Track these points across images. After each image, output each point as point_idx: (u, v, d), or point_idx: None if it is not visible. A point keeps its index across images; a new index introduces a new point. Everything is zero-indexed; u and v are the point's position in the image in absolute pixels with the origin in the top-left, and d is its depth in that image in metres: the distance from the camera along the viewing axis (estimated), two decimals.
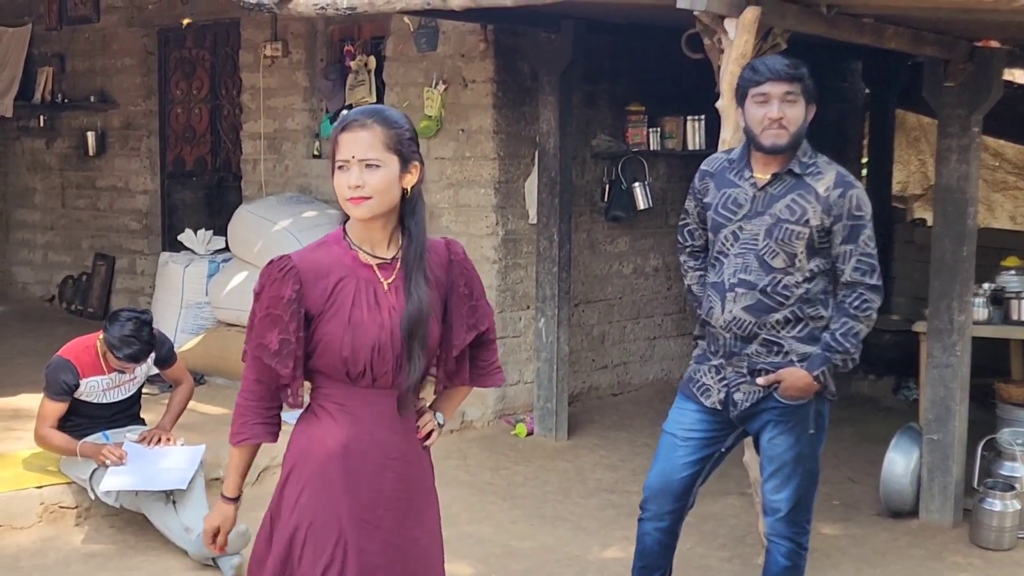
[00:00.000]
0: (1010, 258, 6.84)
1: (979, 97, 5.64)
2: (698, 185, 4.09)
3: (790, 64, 3.81)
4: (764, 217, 3.86)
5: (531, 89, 7.48)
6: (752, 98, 3.83)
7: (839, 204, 3.83)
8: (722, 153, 4.13)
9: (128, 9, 10.03)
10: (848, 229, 3.85)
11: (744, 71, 3.90)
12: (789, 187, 3.86)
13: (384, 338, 2.82)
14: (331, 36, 8.62)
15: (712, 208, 3.99)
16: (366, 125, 2.79)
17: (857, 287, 3.88)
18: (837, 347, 3.91)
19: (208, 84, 9.77)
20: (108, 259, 10.44)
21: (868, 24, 5.13)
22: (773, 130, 3.78)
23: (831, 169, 3.90)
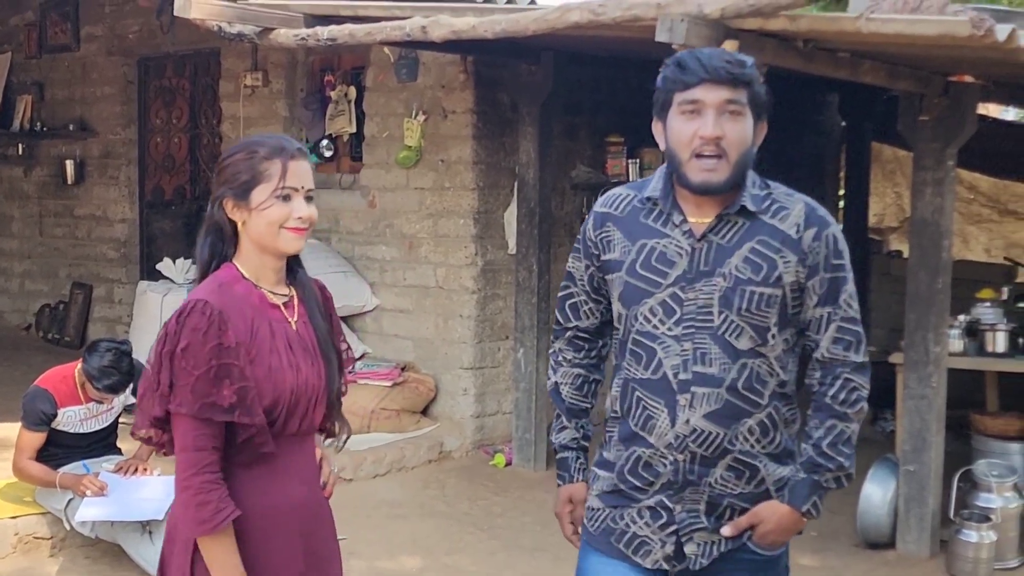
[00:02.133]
0: (985, 290, 6.90)
1: (954, 131, 5.70)
2: (593, 235, 2.84)
3: (733, 61, 2.62)
4: (714, 279, 2.66)
5: (511, 120, 7.51)
6: (678, 107, 2.64)
7: (815, 249, 2.67)
8: (627, 187, 2.89)
9: (108, 38, 10.04)
10: (826, 285, 2.69)
11: (667, 68, 2.68)
12: (743, 232, 2.68)
13: (300, 383, 2.64)
14: (311, 66, 8.64)
15: (622, 269, 2.76)
16: (304, 156, 2.68)
17: (840, 368, 2.72)
18: (827, 465, 2.73)
19: (188, 113, 9.77)
20: (85, 288, 10.40)
21: (844, 59, 5.18)
22: (706, 157, 2.61)
23: (796, 201, 2.73)
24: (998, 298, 7.18)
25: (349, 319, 8.07)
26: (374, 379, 7.47)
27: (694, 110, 2.60)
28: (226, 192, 2.62)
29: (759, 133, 2.71)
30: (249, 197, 2.60)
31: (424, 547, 5.87)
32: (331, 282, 8.19)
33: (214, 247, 2.68)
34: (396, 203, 7.93)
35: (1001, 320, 6.55)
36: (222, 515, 2.51)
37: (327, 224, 8.35)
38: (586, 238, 2.86)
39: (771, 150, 9.11)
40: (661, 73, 2.69)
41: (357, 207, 8.18)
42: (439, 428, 7.59)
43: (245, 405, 2.54)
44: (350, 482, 6.70)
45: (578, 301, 2.95)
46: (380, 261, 8.06)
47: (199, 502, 2.51)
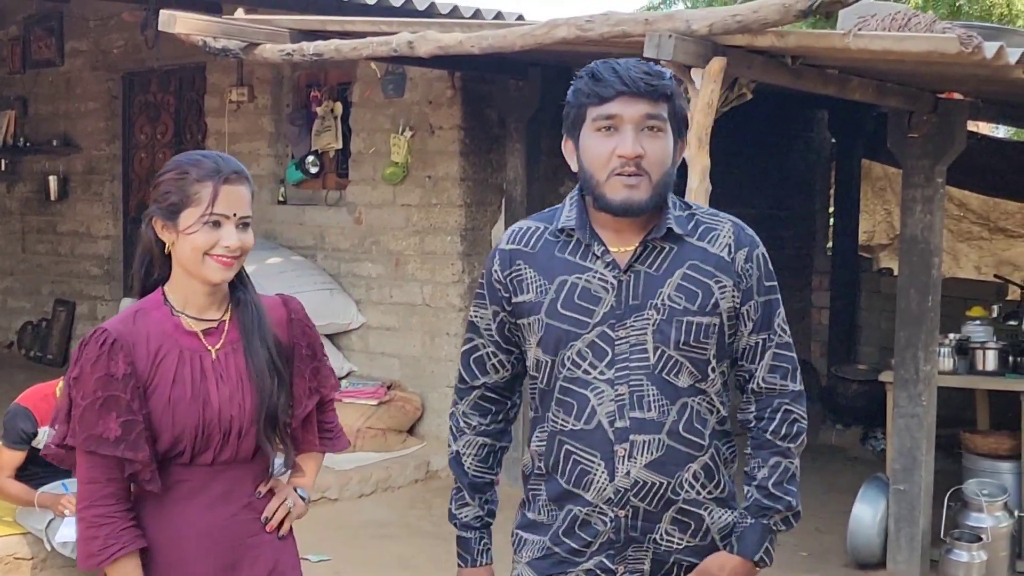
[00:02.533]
0: (975, 308, 6.88)
1: (943, 148, 5.68)
2: (501, 276, 2.55)
3: (652, 72, 2.40)
4: (646, 313, 2.43)
5: (498, 136, 7.48)
6: (592, 123, 2.41)
7: (748, 272, 2.49)
8: (533, 219, 2.61)
9: (93, 53, 9.98)
10: (760, 309, 2.50)
11: (579, 79, 2.45)
12: (673, 258, 2.46)
13: (210, 416, 2.48)
14: (297, 81, 8.60)
15: (541, 311, 2.48)
16: (242, 180, 2.53)
17: (778, 399, 2.53)
18: (775, 506, 2.53)
19: (173, 128, 9.71)
20: (68, 305, 10.32)
21: (832, 76, 5.15)
22: (625, 177, 2.37)
23: (723, 221, 2.53)
24: (988, 316, 7.15)
25: (335, 337, 8.01)
26: (360, 398, 7.40)
27: (611, 126, 2.37)
28: (155, 211, 2.52)
29: (679, 152, 2.47)
30: (177, 219, 2.48)
31: (411, 567, 5.80)
32: (316, 300, 8.19)
33: (149, 268, 2.59)
34: (382, 220, 7.88)
35: (991, 338, 6.51)
36: (110, 551, 2.43)
37: (313, 241, 8.31)
38: (492, 281, 2.56)
39: (761, 166, 9.08)
40: (572, 85, 2.45)
41: (343, 224, 8.13)
42: (426, 447, 7.53)
43: (130, 440, 2.42)
44: (335, 502, 6.64)
45: (484, 354, 2.63)
46: (366, 278, 8.00)
47: (87, 536, 2.46)
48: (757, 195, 9.36)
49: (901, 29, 4.27)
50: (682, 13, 4.50)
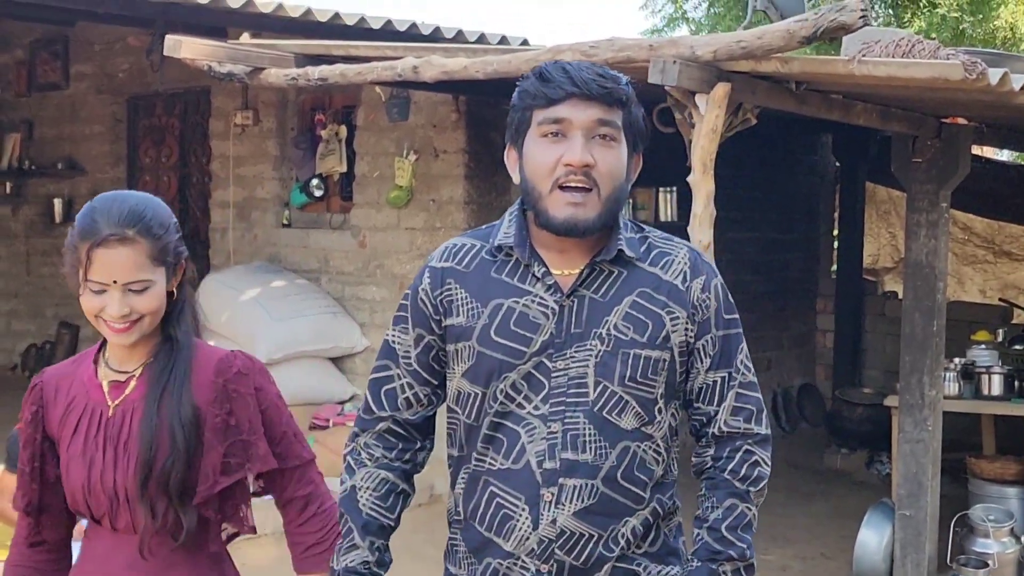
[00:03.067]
0: (980, 332, 6.86)
1: (947, 173, 5.67)
2: (430, 296, 2.28)
3: (607, 76, 2.17)
4: (589, 343, 2.17)
5: (502, 160, 7.47)
6: (538, 127, 2.16)
7: (704, 303, 2.23)
8: (467, 236, 2.35)
9: (98, 76, 10.01)
10: (719, 344, 2.25)
11: (526, 80, 2.22)
12: (621, 284, 2.20)
13: (93, 477, 2.26)
14: (302, 105, 8.61)
15: (472, 337, 2.22)
16: (126, 239, 2.21)
17: (739, 441, 2.27)
18: (727, 552, 2.24)
19: (177, 152, 9.73)
20: (72, 327, 10.32)
21: (837, 101, 5.15)
22: (572, 189, 2.12)
23: (677, 247, 2.28)
24: (993, 340, 7.14)
25: (338, 360, 8.01)
26: None
27: (558, 131, 2.13)
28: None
29: (634, 168, 2.23)
30: (76, 275, 2.26)
31: None
32: (320, 323, 8.18)
33: None
34: (387, 243, 7.88)
35: (996, 362, 6.51)
36: None
37: (317, 264, 8.31)
38: (417, 300, 2.28)
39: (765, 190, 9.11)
40: (517, 87, 2.21)
41: (347, 247, 8.13)
42: (429, 471, 7.45)
43: (20, 485, 2.33)
44: None
45: (399, 386, 2.31)
46: (370, 302, 8.00)
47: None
48: (761, 219, 9.36)
49: (905, 55, 4.26)
50: (686, 39, 4.51)
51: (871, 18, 4.01)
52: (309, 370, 7.77)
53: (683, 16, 14.09)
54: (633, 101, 2.19)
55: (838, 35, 4.10)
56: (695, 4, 14.05)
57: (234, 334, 7.70)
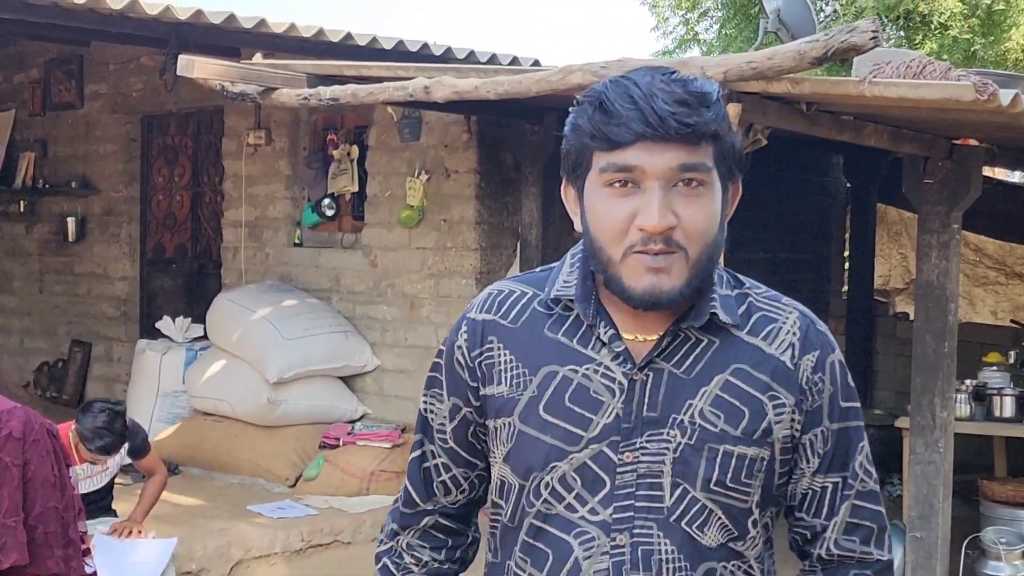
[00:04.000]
0: (992, 354, 6.85)
1: (958, 194, 5.67)
2: (467, 356, 1.83)
3: (691, 100, 1.62)
4: (666, 432, 1.70)
5: (514, 180, 7.50)
6: (600, 175, 1.67)
7: (816, 386, 1.74)
8: (516, 281, 1.88)
9: (112, 96, 10.06)
10: (833, 441, 1.76)
11: (581, 110, 1.70)
12: (712, 357, 1.73)
13: None
14: (314, 125, 8.64)
15: (515, 411, 1.77)
16: None
17: (854, 570, 1.79)
18: None
19: (190, 171, 9.77)
20: (85, 346, 10.34)
21: (848, 122, 5.16)
22: (651, 256, 1.64)
23: (787, 309, 1.80)
24: (1005, 362, 7.13)
25: (349, 380, 8.01)
26: (374, 440, 7.39)
27: (627, 181, 1.62)
28: None
29: (731, 203, 1.74)
30: None
31: None
32: (331, 342, 8.21)
33: None
34: (398, 263, 7.89)
35: (1008, 384, 6.49)
36: None
37: (328, 283, 8.32)
38: (453, 362, 1.83)
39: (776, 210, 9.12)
40: (570, 118, 1.71)
41: (358, 266, 8.14)
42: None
43: None
44: (348, 545, 6.60)
45: (435, 466, 1.90)
46: (381, 321, 8.01)
47: None
48: (772, 239, 9.36)
49: (916, 76, 4.27)
50: (697, 59, 4.52)
51: (882, 39, 4.02)
52: (320, 389, 7.77)
53: (694, 37, 14.14)
54: (726, 127, 1.66)
55: (849, 56, 4.10)
56: (706, 25, 14.09)
57: (245, 353, 7.71)
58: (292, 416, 7.62)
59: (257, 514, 6.66)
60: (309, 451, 7.51)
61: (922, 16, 10.83)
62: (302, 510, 6.78)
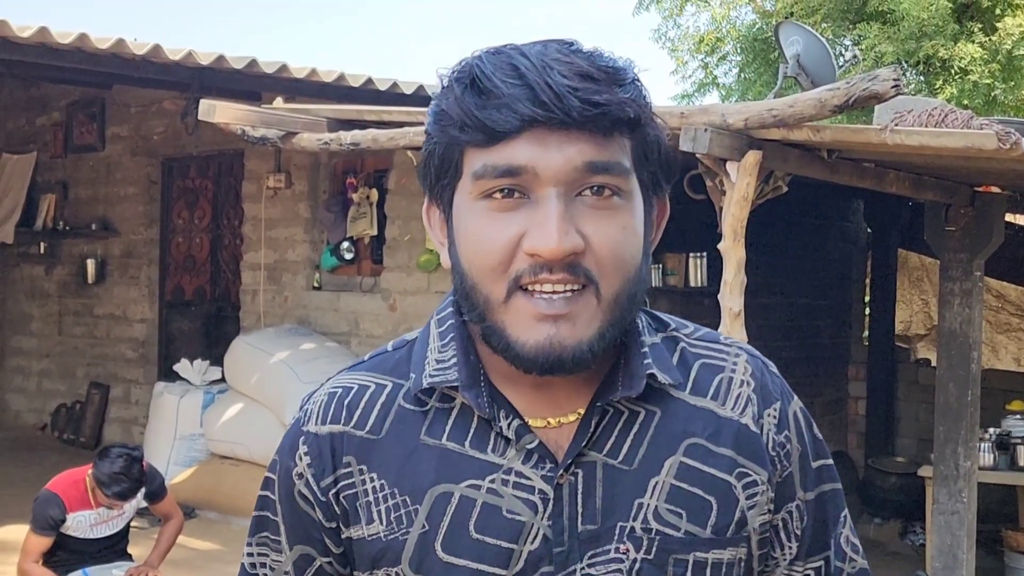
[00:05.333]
0: (1015, 402, 6.78)
1: (980, 242, 5.63)
2: (317, 488, 1.26)
3: (595, 73, 1.13)
4: (614, 548, 1.21)
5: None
6: (475, 183, 1.16)
7: (782, 448, 1.30)
8: (361, 371, 1.32)
9: (133, 139, 10.12)
10: (811, 513, 1.32)
11: (446, 92, 1.18)
12: (655, 434, 1.25)
13: None
14: (334, 168, 8.66)
15: (402, 559, 1.22)
16: None
17: None
18: None
19: (210, 214, 9.80)
20: (102, 388, 10.35)
21: (869, 169, 5.14)
22: (545, 298, 1.15)
23: (727, 351, 1.33)
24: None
25: None
26: None
27: (512, 189, 1.15)
28: None
29: (657, 224, 1.28)
30: None
31: None
32: None
33: None
34: (417, 307, 7.88)
35: None
36: None
37: (347, 327, 8.31)
38: (294, 496, 1.29)
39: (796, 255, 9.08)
40: (433, 103, 1.22)
41: (377, 310, 8.13)
42: None
43: None
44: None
45: None
46: None
47: None
48: (792, 284, 9.31)
49: (938, 125, 4.25)
50: (718, 107, 4.51)
51: (903, 87, 4.00)
52: None
53: (713, 81, 14.14)
54: (648, 116, 1.19)
55: (870, 104, 4.10)
56: (725, 69, 14.10)
57: (263, 396, 7.70)
58: None
59: None
60: None
61: (942, 61, 10.82)
62: None
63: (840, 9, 11.66)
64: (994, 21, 10.79)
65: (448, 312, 1.29)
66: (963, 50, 10.50)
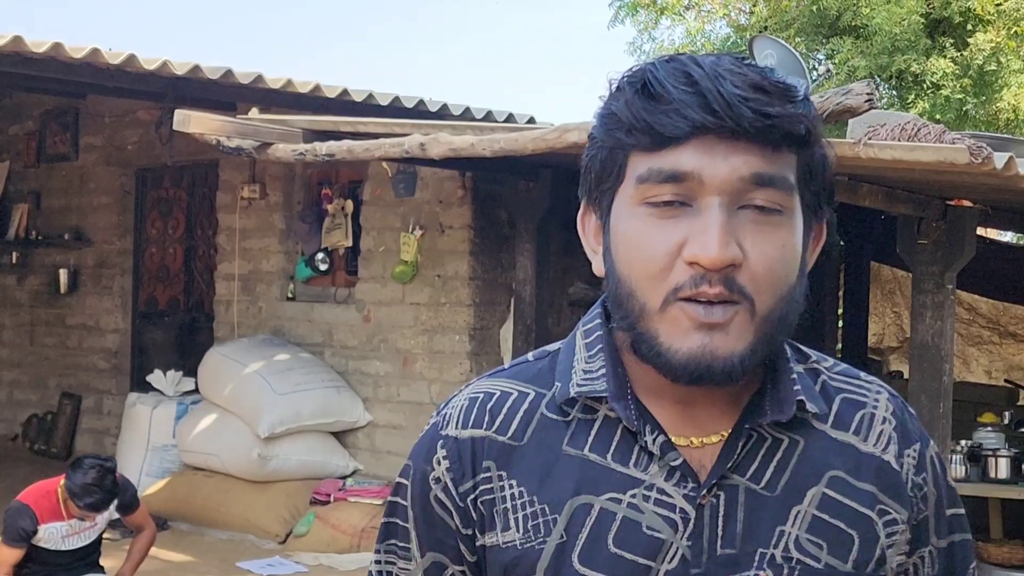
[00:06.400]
0: (987, 414, 6.82)
1: (953, 255, 5.66)
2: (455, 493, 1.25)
3: (768, 86, 1.14)
4: (750, 575, 1.19)
5: (508, 236, 7.50)
6: (638, 188, 1.16)
7: (920, 489, 1.27)
8: (506, 378, 1.31)
9: (107, 149, 10.08)
10: (943, 562, 1.31)
11: (617, 95, 1.19)
12: (798, 463, 1.23)
13: None
14: (309, 179, 8.66)
15: (539, 568, 1.20)
16: None
17: None
18: None
19: (184, 224, 9.77)
20: (74, 398, 10.28)
21: (842, 182, 5.17)
22: (702, 307, 1.14)
23: (869, 387, 1.31)
24: (1000, 422, 7.09)
25: (341, 435, 7.97)
26: (364, 496, 7.33)
27: (675, 199, 1.15)
28: None
29: (814, 247, 1.28)
30: None
31: None
32: (323, 397, 8.19)
33: None
34: (391, 318, 7.87)
35: (1003, 445, 6.46)
36: None
37: (321, 338, 8.29)
38: (430, 501, 1.27)
39: None
40: (602, 106, 1.22)
41: (352, 321, 8.12)
42: None
43: None
44: None
45: None
46: (374, 376, 7.97)
47: None
48: None
49: (911, 139, 4.29)
50: None
51: (876, 102, 4.04)
52: (311, 444, 7.73)
53: None
54: (816, 132, 1.19)
55: (844, 118, 4.12)
56: None
57: (237, 407, 7.67)
58: (283, 471, 7.57)
59: (247, 571, 6.59)
60: (300, 507, 7.45)
61: (914, 76, 10.90)
62: (292, 567, 6.72)
63: (813, 23, 11.73)
64: (965, 36, 10.89)
65: (596, 323, 1.28)
66: (935, 65, 10.59)
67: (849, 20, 11.05)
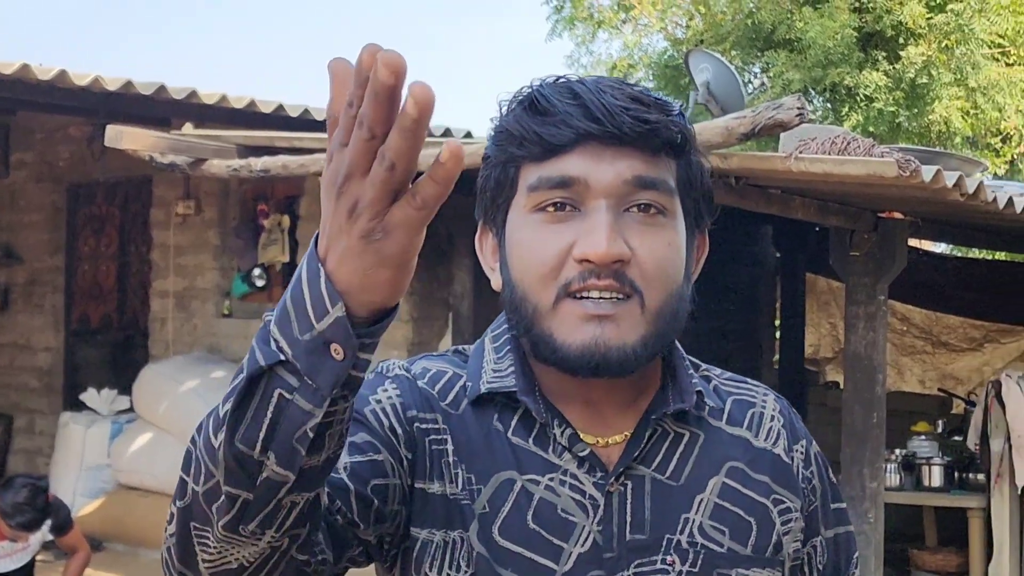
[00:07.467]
0: (920, 423, 6.90)
1: (884, 266, 5.74)
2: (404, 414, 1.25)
3: (646, 100, 1.23)
4: (661, 560, 1.25)
5: (446, 251, 7.48)
6: (529, 196, 1.24)
7: (809, 482, 1.37)
8: (442, 360, 1.35)
9: (38, 165, 9.94)
10: (831, 552, 1.39)
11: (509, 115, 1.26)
12: (700, 455, 1.31)
13: None
14: (244, 194, 8.59)
15: (470, 526, 1.23)
16: None
17: None
18: None
19: (117, 241, 9.65)
20: (5, 418, 10.11)
21: (775, 195, 5.22)
22: (592, 301, 1.20)
23: (755, 389, 1.42)
24: (933, 431, 7.19)
25: None
26: None
27: (565, 202, 1.21)
28: None
29: (698, 257, 1.36)
30: None
31: None
32: None
33: None
34: None
35: (937, 454, 6.55)
36: None
37: None
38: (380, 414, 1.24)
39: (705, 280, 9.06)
40: (493, 125, 1.29)
41: None
42: None
43: None
44: None
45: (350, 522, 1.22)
46: None
47: None
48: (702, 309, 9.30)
49: (841, 152, 4.34)
50: None
51: (807, 115, 4.08)
52: None
53: None
54: (693, 143, 1.28)
55: (775, 132, 4.17)
56: None
57: (173, 425, 7.59)
58: None
59: None
60: None
61: (848, 89, 11.05)
62: None
63: (749, 37, 11.86)
64: (898, 50, 11.07)
65: (503, 330, 1.34)
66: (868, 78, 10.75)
67: (783, 34, 11.18)
